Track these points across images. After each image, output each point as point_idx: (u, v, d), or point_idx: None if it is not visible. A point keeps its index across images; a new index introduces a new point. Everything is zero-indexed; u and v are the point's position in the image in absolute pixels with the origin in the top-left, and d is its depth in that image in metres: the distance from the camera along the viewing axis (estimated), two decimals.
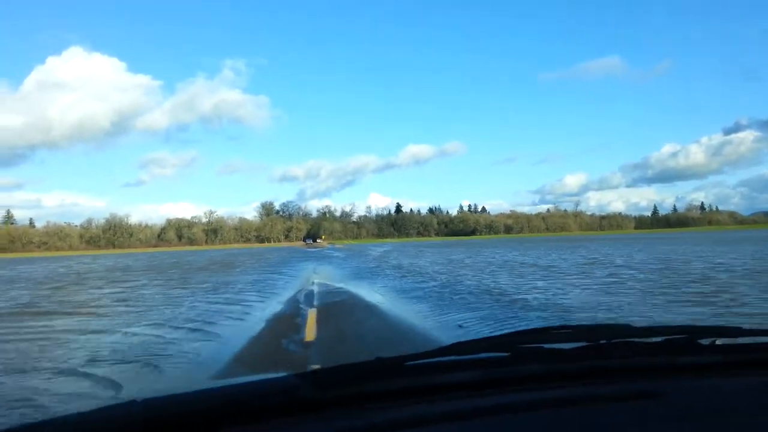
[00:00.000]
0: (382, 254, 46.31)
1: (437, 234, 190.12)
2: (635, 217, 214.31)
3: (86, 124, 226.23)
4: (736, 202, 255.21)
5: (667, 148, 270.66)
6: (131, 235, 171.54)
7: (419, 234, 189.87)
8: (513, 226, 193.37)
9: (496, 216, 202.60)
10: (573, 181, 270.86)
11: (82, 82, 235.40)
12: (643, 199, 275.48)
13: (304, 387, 0.98)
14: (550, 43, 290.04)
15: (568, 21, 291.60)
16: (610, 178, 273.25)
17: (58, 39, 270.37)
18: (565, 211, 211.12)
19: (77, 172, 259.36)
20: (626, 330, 1.33)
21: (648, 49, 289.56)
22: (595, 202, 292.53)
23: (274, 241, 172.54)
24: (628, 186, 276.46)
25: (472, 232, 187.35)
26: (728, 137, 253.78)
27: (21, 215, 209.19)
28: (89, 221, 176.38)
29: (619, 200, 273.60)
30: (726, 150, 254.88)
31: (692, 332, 1.32)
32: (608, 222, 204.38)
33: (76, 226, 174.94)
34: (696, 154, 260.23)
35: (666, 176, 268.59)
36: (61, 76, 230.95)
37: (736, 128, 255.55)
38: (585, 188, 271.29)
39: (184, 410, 0.90)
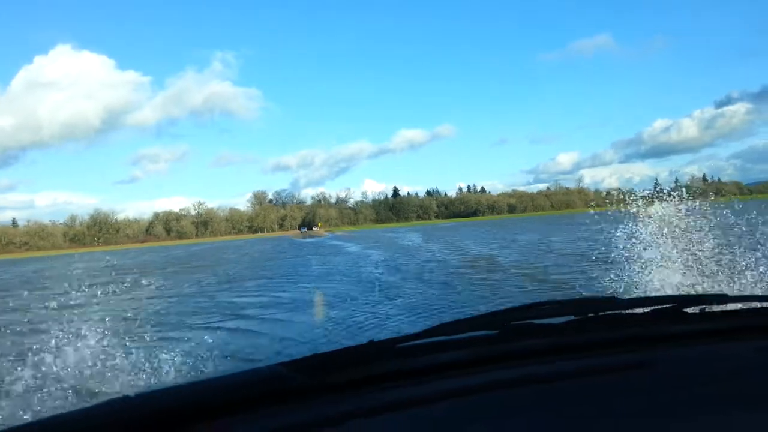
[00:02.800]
0: (447, 249, 26.46)
1: (437, 217, 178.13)
2: None
3: (76, 123, 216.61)
4: (729, 174, 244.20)
5: (659, 123, 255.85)
6: (118, 231, 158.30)
7: (419, 217, 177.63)
8: (516, 205, 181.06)
9: (498, 195, 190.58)
10: (566, 159, 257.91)
11: (71, 80, 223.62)
12: (636, 174, 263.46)
13: (296, 375, 0.96)
14: (541, 23, 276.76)
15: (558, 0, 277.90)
16: (603, 155, 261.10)
17: (45, 38, 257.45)
18: (567, 188, 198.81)
19: (69, 171, 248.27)
20: (613, 302, 1.32)
21: (639, 26, 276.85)
22: (589, 179, 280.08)
23: (268, 231, 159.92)
24: (620, 162, 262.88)
25: (474, 213, 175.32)
26: (720, 110, 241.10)
27: (14, 216, 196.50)
28: (73, 218, 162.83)
29: (612, 176, 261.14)
30: (718, 123, 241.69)
31: (679, 302, 1.30)
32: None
33: (60, 224, 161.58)
34: (689, 128, 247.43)
35: (658, 151, 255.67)
36: (50, 76, 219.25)
37: (728, 101, 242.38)
38: (578, 166, 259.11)
39: (179, 403, 0.88)
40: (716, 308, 1.30)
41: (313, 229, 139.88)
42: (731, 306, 1.30)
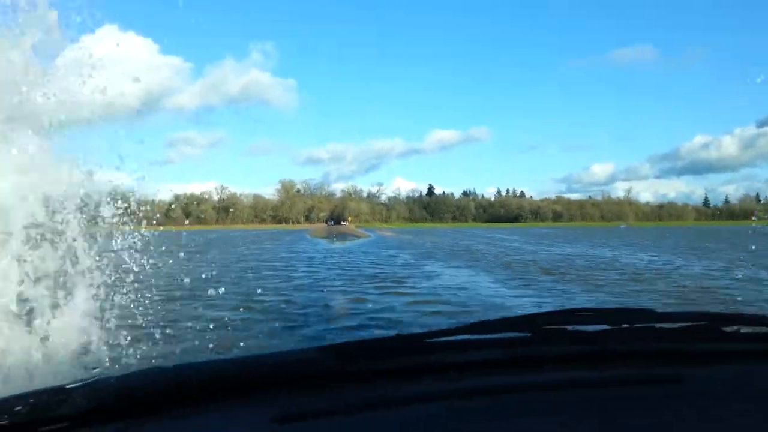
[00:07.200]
0: None
1: (474, 219, 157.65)
2: (692, 208, 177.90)
3: (117, 103, 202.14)
4: None
5: (699, 139, 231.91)
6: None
7: (455, 219, 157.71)
8: (563, 212, 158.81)
9: (542, 201, 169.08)
10: (600, 170, 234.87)
11: (116, 60, 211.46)
12: (671, 190, 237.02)
13: (327, 359, 0.95)
14: (581, 30, 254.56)
15: (600, 8, 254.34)
16: (638, 168, 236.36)
17: (91, 17, 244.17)
18: (618, 198, 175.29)
19: (107, 150, 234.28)
20: (648, 315, 1.27)
21: (681, 38, 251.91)
22: (623, 193, 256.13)
23: (293, 222, 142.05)
24: (656, 177, 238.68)
25: (515, 219, 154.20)
26: (762, 129, 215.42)
27: None
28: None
29: (647, 191, 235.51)
30: (760, 142, 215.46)
31: (715, 319, 1.25)
32: (666, 211, 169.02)
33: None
34: (729, 146, 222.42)
35: (696, 168, 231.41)
36: (95, 55, 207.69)
37: None
38: (612, 178, 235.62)
39: (207, 377, 0.89)
40: (753, 329, 1.23)
41: (342, 223, 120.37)
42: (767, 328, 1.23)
